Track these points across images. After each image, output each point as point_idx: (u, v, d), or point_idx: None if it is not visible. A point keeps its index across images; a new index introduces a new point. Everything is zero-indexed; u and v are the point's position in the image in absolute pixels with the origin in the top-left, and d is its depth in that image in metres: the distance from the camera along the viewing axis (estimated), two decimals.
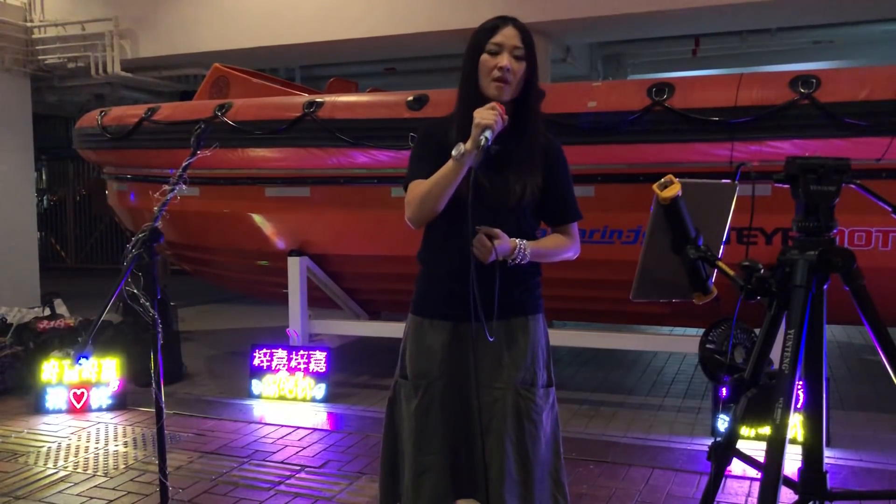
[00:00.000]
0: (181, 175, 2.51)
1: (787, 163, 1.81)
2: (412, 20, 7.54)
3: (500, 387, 2.15)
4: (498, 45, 2.10)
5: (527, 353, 2.18)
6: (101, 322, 2.41)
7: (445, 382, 2.18)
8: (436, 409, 2.18)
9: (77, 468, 3.92)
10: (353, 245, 5.34)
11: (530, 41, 2.13)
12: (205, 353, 6.64)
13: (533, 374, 2.18)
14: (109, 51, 8.70)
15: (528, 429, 2.14)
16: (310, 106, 5.07)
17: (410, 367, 2.24)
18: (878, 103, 3.95)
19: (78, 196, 14.03)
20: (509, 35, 2.10)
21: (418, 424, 2.19)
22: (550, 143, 2.22)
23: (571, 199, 2.26)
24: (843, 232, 4.17)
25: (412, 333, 2.26)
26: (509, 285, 2.14)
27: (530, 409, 2.14)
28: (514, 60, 2.09)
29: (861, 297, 1.78)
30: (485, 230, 2.02)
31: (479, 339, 2.13)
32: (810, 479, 1.81)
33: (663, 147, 4.35)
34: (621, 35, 8.82)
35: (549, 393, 2.22)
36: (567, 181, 2.25)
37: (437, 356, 2.19)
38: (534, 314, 2.22)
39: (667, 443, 4.21)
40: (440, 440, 2.18)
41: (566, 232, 2.26)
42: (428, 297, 2.25)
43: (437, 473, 2.17)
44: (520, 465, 2.13)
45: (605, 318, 5.68)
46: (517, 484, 2.12)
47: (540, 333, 2.23)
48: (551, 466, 2.21)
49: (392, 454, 2.29)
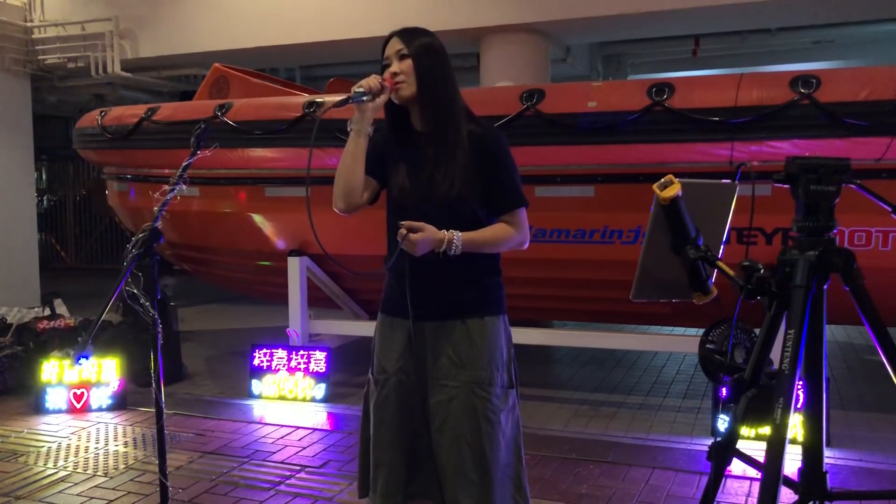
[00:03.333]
0: (181, 175, 2.51)
1: (787, 163, 1.82)
2: (412, 20, 7.48)
3: (455, 385, 2.16)
4: (386, 57, 2.22)
5: (483, 353, 2.18)
6: (101, 322, 2.41)
7: (401, 379, 2.22)
8: (391, 405, 2.22)
9: (77, 468, 3.92)
10: (353, 245, 5.34)
11: (416, 39, 2.19)
12: (205, 353, 6.64)
13: (490, 374, 2.18)
14: (109, 51, 8.70)
15: (485, 429, 2.14)
16: (310, 106, 5.07)
17: (374, 362, 2.30)
18: (878, 103, 3.95)
19: (78, 196, 14.03)
20: (392, 44, 2.21)
21: (377, 419, 2.24)
22: (481, 133, 2.21)
23: (511, 186, 2.21)
24: (843, 232, 4.17)
25: (377, 330, 2.33)
26: (456, 284, 2.18)
27: (486, 409, 2.14)
28: (398, 62, 2.17)
29: (861, 297, 1.77)
30: (407, 225, 2.04)
31: (437, 338, 2.19)
32: (810, 479, 1.81)
33: (663, 147, 4.35)
34: (621, 35, 8.82)
35: (510, 395, 2.22)
36: (504, 168, 2.20)
37: (395, 353, 2.24)
38: (492, 315, 2.23)
39: (667, 443, 4.21)
40: (394, 435, 2.21)
41: (510, 220, 2.22)
42: (387, 295, 2.31)
43: (390, 468, 2.21)
44: (476, 466, 2.13)
45: (605, 318, 5.68)
46: (473, 484, 2.12)
47: (499, 334, 2.23)
48: (512, 470, 2.21)
49: (366, 447, 2.33)
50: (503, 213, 2.23)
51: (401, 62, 2.17)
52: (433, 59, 2.19)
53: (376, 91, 2.12)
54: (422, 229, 2.04)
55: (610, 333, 5.45)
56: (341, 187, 2.22)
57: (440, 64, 2.20)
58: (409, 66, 2.16)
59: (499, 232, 2.21)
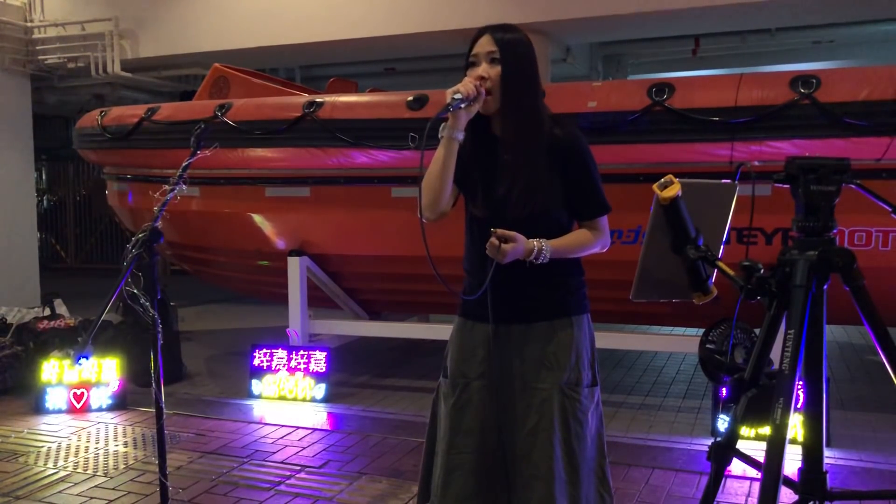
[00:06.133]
0: (181, 175, 2.51)
1: (787, 163, 1.81)
2: (412, 20, 7.53)
3: (546, 387, 2.15)
4: (475, 55, 2.14)
5: (570, 353, 2.18)
6: (101, 322, 2.41)
7: (483, 383, 2.20)
8: (471, 409, 2.20)
9: (77, 468, 3.92)
10: (353, 245, 5.34)
11: (510, 46, 2.13)
12: (205, 353, 6.64)
13: (578, 374, 2.18)
14: (109, 51, 8.70)
15: (575, 428, 2.14)
16: (310, 106, 5.07)
17: (451, 366, 2.27)
18: (878, 103, 3.95)
19: (78, 196, 14.03)
20: (483, 43, 2.14)
21: (452, 423, 2.20)
22: (564, 139, 2.17)
23: (595, 193, 2.21)
24: (843, 232, 4.17)
25: (455, 334, 2.30)
26: (541, 286, 2.16)
27: (576, 409, 2.15)
28: (489, 66, 2.11)
29: (861, 297, 1.77)
30: (499, 233, 2.02)
31: (524, 340, 2.17)
32: (810, 479, 1.81)
33: (663, 147, 4.35)
34: (621, 35, 8.82)
35: (594, 392, 2.23)
36: (588, 174, 2.19)
37: (477, 357, 2.21)
38: (577, 314, 2.23)
39: (667, 443, 4.21)
40: (473, 440, 2.19)
41: (592, 226, 2.22)
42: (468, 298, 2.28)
43: (467, 473, 2.19)
44: (568, 466, 2.13)
45: (605, 318, 5.67)
46: (566, 484, 2.13)
47: (584, 333, 2.23)
48: (595, 464, 2.22)
49: (431, 454, 2.31)
50: (586, 220, 2.23)
51: (491, 66, 2.11)
52: (523, 69, 2.14)
53: (472, 98, 2.04)
54: (514, 239, 2.02)
55: (610, 333, 5.44)
56: (430, 196, 2.12)
57: (528, 74, 2.15)
58: (498, 74, 2.11)
59: (582, 239, 2.21)
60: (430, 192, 2.11)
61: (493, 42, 2.12)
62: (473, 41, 2.16)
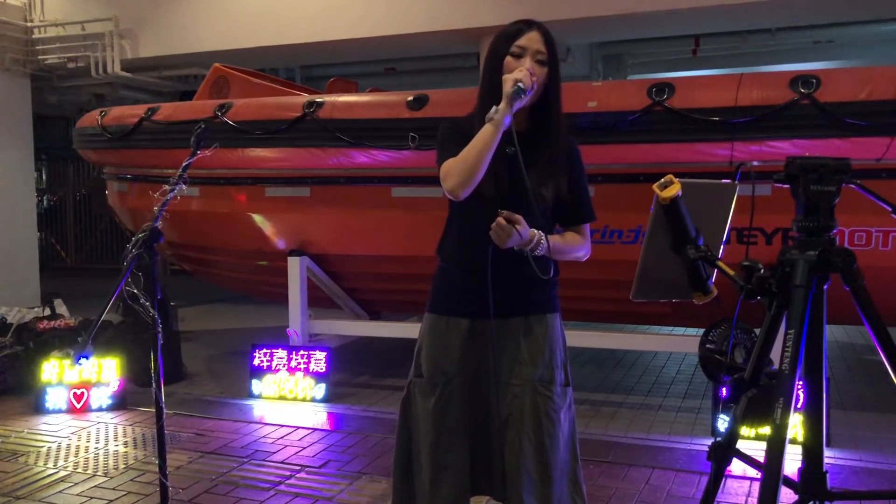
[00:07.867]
0: (181, 175, 2.51)
1: (787, 163, 1.82)
2: (412, 20, 7.54)
3: (519, 383, 2.16)
4: (522, 48, 2.12)
5: (545, 351, 2.18)
6: (101, 322, 2.41)
7: (462, 380, 2.20)
8: (454, 407, 2.20)
9: (77, 468, 3.92)
10: (353, 245, 5.34)
11: (553, 46, 2.15)
12: (205, 353, 6.64)
13: (551, 372, 2.18)
14: (109, 51, 8.71)
15: (546, 426, 2.14)
16: (310, 106, 5.06)
17: (426, 365, 2.25)
18: (878, 103, 3.95)
19: (78, 196, 14.03)
20: (533, 39, 2.12)
21: (436, 422, 2.19)
22: (571, 145, 2.25)
23: (587, 201, 2.27)
24: (843, 232, 4.17)
25: (428, 331, 2.28)
26: (528, 281, 2.15)
27: (548, 407, 2.15)
28: (536, 65, 2.11)
29: (861, 297, 1.77)
30: (506, 215, 2.01)
31: (499, 336, 2.17)
32: (810, 479, 1.81)
33: (663, 147, 4.35)
34: (621, 35, 8.82)
35: (567, 392, 2.23)
36: (584, 182, 2.26)
37: (455, 354, 2.21)
38: (552, 313, 2.24)
39: (667, 443, 4.21)
40: (459, 437, 2.19)
41: (580, 232, 2.26)
42: (445, 293, 2.27)
43: (457, 471, 2.18)
44: (538, 464, 2.13)
45: (605, 318, 5.68)
46: (535, 483, 2.12)
47: (558, 332, 2.24)
48: (569, 468, 2.22)
49: (405, 454, 2.28)
50: (574, 224, 2.25)
51: (539, 67, 2.12)
52: (558, 72, 2.17)
53: (528, 89, 2.05)
54: (520, 222, 2.02)
55: (610, 333, 5.45)
56: (469, 175, 2.06)
57: (559, 76, 2.19)
58: (544, 74, 2.12)
59: (573, 241, 2.23)
60: (470, 172, 2.06)
61: (543, 43, 2.13)
62: (518, 31, 2.14)
